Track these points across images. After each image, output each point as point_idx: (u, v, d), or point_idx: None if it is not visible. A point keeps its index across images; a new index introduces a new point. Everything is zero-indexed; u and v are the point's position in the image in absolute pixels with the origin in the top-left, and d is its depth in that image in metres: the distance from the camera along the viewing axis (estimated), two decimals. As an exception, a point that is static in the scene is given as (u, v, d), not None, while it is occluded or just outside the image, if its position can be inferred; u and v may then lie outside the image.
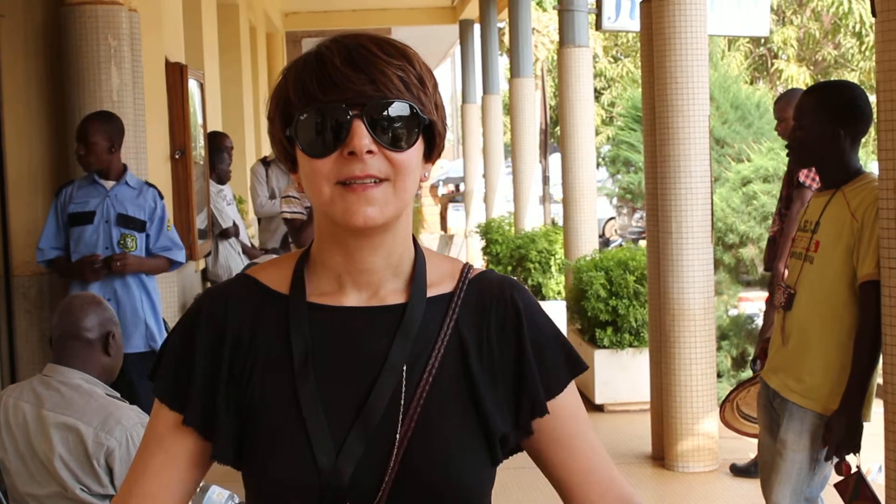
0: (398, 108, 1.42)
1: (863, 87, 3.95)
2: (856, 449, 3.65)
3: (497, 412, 1.49)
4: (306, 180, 1.46)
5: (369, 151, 1.40)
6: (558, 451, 1.54)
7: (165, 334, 5.54)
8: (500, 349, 1.51)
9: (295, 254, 1.56)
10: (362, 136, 1.40)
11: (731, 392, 4.44)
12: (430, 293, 1.51)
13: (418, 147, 1.46)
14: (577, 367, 1.56)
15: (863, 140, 3.96)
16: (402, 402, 1.45)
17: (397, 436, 1.43)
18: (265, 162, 9.13)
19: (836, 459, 3.69)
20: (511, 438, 1.52)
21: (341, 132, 1.41)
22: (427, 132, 1.47)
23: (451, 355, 1.48)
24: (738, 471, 5.97)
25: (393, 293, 1.50)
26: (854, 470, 3.66)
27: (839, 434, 3.63)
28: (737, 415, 4.44)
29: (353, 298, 1.50)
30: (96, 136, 5.27)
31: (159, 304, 5.49)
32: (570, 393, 1.55)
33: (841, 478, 3.70)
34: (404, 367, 1.46)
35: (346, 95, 1.40)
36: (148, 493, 1.49)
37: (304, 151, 1.44)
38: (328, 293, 1.50)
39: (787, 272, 4.06)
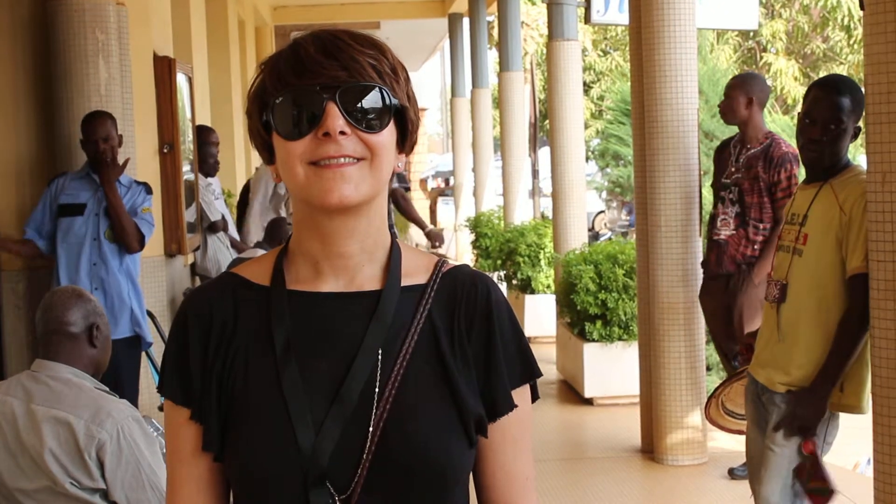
0: (370, 92, 1.46)
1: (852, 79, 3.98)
2: (809, 431, 3.68)
3: (470, 396, 1.51)
4: (282, 165, 1.49)
5: (342, 132, 1.44)
6: (486, 451, 1.55)
7: (149, 322, 5.68)
8: (469, 340, 1.53)
9: (275, 250, 1.60)
10: (336, 116, 1.44)
11: (717, 388, 4.43)
12: (405, 283, 1.54)
13: (391, 131, 1.49)
14: (530, 374, 1.57)
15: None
16: (378, 384, 1.48)
17: (373, 417, 1.46)
18: None
19: (802, 439, 3.72)
20: (484, 422, 1.53)
21: (315, 114, 1.44)
22: (399, 119, 1.51)
23: (424, 341, 1.51)
24: (736, 475, 5.80)
25: (369, 279, 1.54)
26: (813, 450, 3.70)
27: (803, 412, 3.66)
28: (721, 412, 4.43)
29: (330, 284, 1.53)
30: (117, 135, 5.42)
31: (142, 292, 5.57)
32: (520, 398, 1.56)
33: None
34: (379, 351, 1.49)
35: (319, 80, 1.44)
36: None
37: (279, 134, 1.47)
38: (306, 280, 1.54)
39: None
